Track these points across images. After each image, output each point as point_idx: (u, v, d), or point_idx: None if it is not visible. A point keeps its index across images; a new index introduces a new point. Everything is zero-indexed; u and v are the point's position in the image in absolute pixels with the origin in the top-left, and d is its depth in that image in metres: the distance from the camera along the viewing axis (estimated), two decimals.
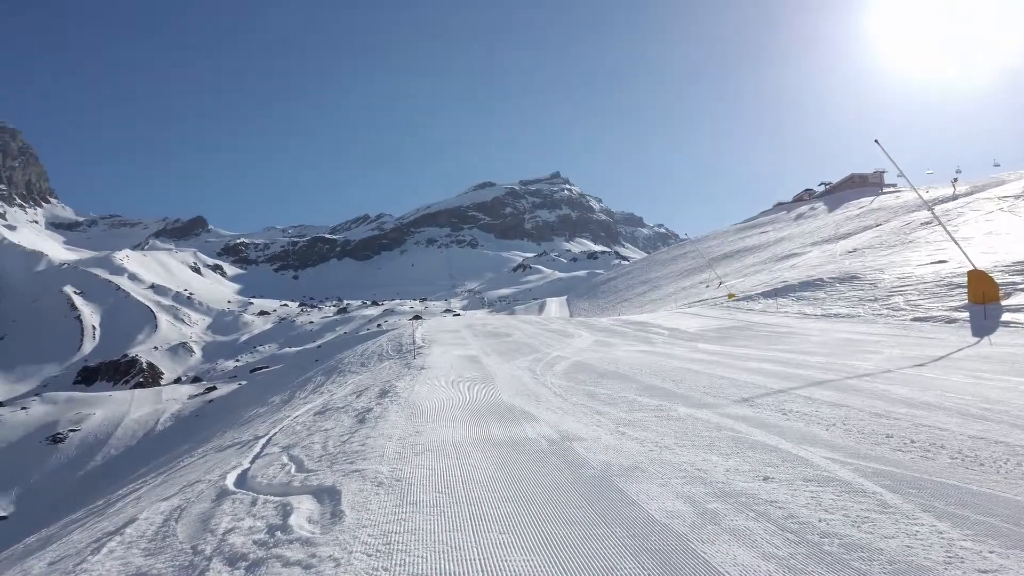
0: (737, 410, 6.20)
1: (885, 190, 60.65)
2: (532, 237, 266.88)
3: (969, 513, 3.26)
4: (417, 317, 61.87)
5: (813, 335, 13.11)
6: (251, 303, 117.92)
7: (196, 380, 54.35)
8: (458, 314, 69.33)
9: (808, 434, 5.07)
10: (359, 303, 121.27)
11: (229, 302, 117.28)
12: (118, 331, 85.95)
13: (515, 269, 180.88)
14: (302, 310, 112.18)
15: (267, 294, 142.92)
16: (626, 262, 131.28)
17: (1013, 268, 14.90)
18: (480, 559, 2.94)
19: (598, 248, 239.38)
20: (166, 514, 4.48)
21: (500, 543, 3.13)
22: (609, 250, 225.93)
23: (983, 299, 12.96)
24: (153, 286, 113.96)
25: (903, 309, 14.61)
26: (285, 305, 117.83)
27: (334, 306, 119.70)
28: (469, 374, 10.35)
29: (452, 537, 3.21)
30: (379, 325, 58.77)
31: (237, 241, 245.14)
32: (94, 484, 23.33)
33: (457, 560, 2.93)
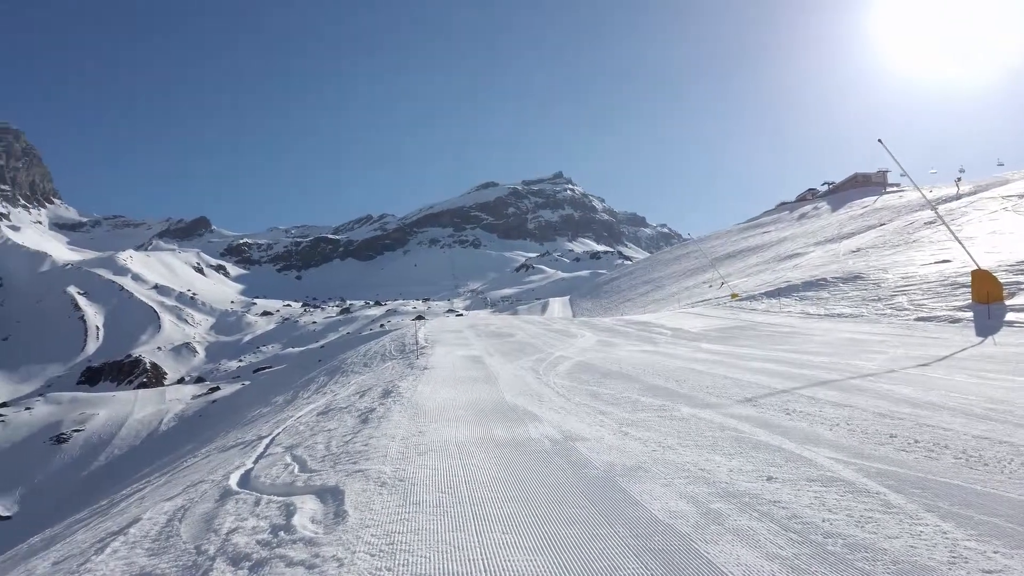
0: (740, 410, 6.19)
1: (888, 189, 60.50)
2: (535, 237, 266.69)
3: (973, 513, 3.26)
4: (420, 317, 61.90)
5: (816, 335, 13.09)
6: (254, 303, 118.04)
7: (199, 380, 54.47)
8: (461, 314, 69.35)
9: (812, 434, 5.06)
10: (362, 303, 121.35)
11: (232, 302, 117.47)
12: (122, 331, 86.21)
13: (518, 269, 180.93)
14: (305, 310, 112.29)
15: (270, 294, 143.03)
16: (629, 262, 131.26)
17: (1017, 267, 14.85)
18: (483, 559, 2.94)
19: (601, 248, 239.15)
20: (170, 514, 4.49)
21: (503, 543, 3.13)
22: (612, 250, 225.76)
23: (987, 299, 12.92)
24: (156, 286, 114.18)
25: (907, 309, 14.57)
26: (288, 305, 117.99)
27: (337, 306, 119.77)
28: (472, 374, 10.35)
29: (455, 537, 3.21)
30: (382, 325, 58.78)
31: (240, 241, 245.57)
32: (98, 484, 23.40)
33: (460, 560, 2.93)
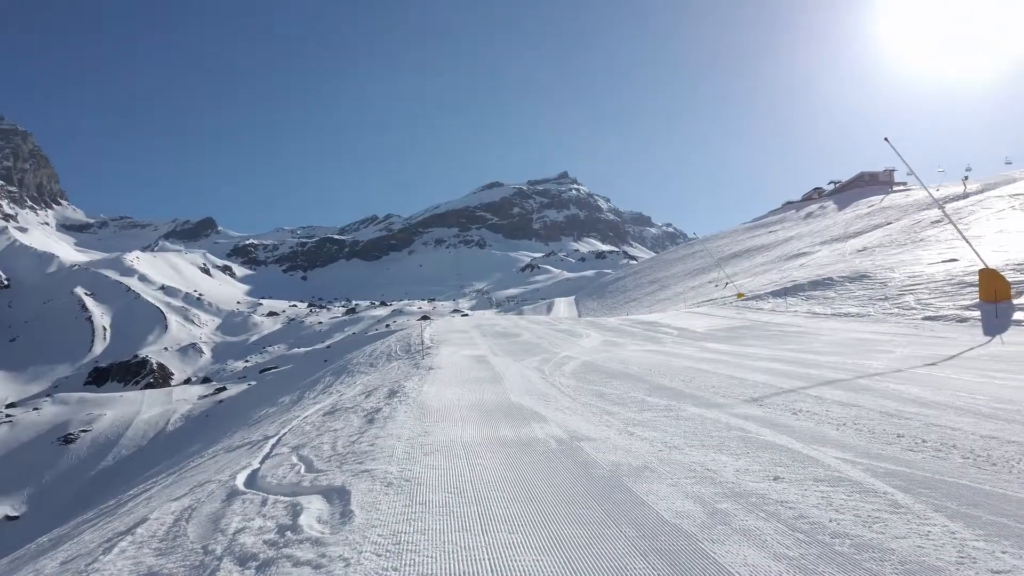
0: (747, 410, 6.17)
1: (895, 188, 60.22)
2: (540, 237, 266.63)
3: (981, 513, 3.24)
4: (425, 317, 61.97)
5: (823, 334, 13.05)
6: (260, 304, 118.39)
7: (206, 380, 54.60)
8: (466, 314, 69.35)
9: (818, 434, 5.04)
10: (367, 303, 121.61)
11: (238, 303, 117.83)
12: (129, 332, 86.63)
13: (523, 269, 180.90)
14: (311, 311, 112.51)
15: (276, 295, 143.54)
16: (634, 262, 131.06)
17: None
18: (489, 559, 2.94)
19: (606, 248, 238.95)
20: (177, 514, 4.50)
21: (509, 543, 3.13)
22: (617, 250, 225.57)
23: (995, 298, 12.86)
24: (163, 287, 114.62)
25: (914, 308, 14.50)
26: (294, 306, 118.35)
27: (343, 306, 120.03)
28: (478, 374, 10.35)
29: (461, 537, 3.21)
30: (387, 325, 58.82)
31: (246, 242, 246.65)
32: (105, 484, 23.51)
33: (466, 560, 2.93)
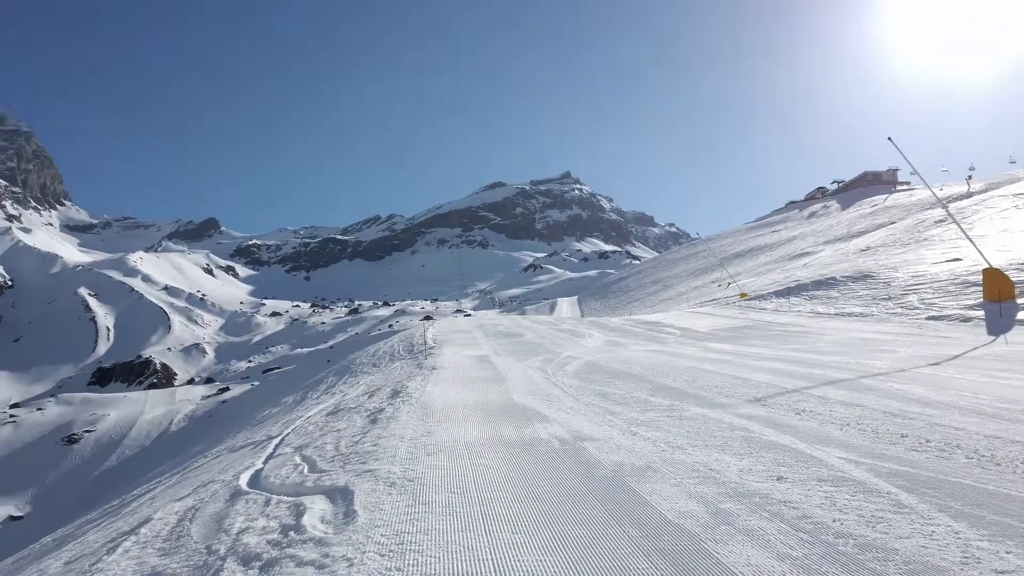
0: (750, 410, 6.17)
1: (898, 188, 60.07)
2: (543, 237, 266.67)
3: (985, 513, 3.23)
4: (428, 317, 61.97)
5: (826, 334, 13.03)
6: (263, 304, 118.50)
7: (209, 381, 54.71)
8: (469, 314, 69.36)
9: (822, 434, 5.03)
10: (370, 304, 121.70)
11: (241, 303, 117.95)
12: (132, 332, 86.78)
13: (526, 269, 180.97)
14: (314, 311, 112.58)
15: (279, 295, 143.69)
16: (637, 262, 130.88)
17: None
18: (492, 559, 2.94)
19: (609, 248, 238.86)
20: (180, 514, 4.51)
21: (512, 543, 3.13)
22: (620, 250, 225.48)
23: (999, 297, 12.83)
24: (166, 287, 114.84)
25: (917, 308, 14.47)
26: (297, 306, 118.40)
27: (346, 307, 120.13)
28: (481, 374, 10.35)
29: (464, 537, 3.21)
30: (390, 326, 58.87)
31: (249, 242, 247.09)
32: (109, 484, 23.56)
33: (469, 560, 2.93)
